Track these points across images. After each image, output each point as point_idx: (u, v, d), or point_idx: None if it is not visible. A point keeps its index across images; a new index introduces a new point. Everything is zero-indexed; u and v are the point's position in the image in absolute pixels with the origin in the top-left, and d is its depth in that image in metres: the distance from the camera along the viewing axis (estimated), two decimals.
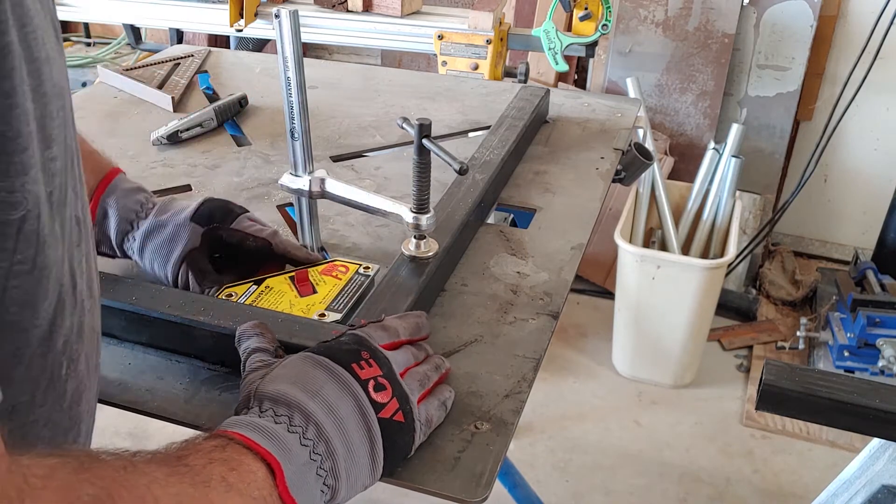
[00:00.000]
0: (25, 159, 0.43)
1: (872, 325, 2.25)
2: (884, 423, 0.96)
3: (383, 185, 1.17)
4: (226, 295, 0.86)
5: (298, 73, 0.87)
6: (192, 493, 0.49)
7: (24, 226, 0.44)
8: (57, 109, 0.47)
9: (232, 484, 0.51)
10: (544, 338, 0.83)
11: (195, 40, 2.88)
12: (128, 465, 0.46)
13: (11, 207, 0.43)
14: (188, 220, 0.89)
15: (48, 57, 0.45)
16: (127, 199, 0.90)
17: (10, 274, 0.44)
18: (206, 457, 0.52)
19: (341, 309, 0.84)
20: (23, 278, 0.45)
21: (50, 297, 0.48)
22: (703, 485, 2.10)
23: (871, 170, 2.83)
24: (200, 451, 0.52)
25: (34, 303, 0.47)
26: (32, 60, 0.43)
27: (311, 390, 0.60)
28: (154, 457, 0.50)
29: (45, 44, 0.45)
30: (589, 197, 1.13)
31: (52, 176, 0.47)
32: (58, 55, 0.48)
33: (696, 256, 2.44)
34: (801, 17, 2.61)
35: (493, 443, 0.70)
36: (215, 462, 0.52)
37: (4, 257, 0.44)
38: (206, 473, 0.50)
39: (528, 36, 2.05)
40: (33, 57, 0.43)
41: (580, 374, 2.49)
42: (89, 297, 0.56)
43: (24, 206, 0.44)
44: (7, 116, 0.42)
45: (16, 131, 0.42)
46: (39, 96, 0.44)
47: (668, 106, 2.81)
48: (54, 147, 0.47)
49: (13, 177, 0.43)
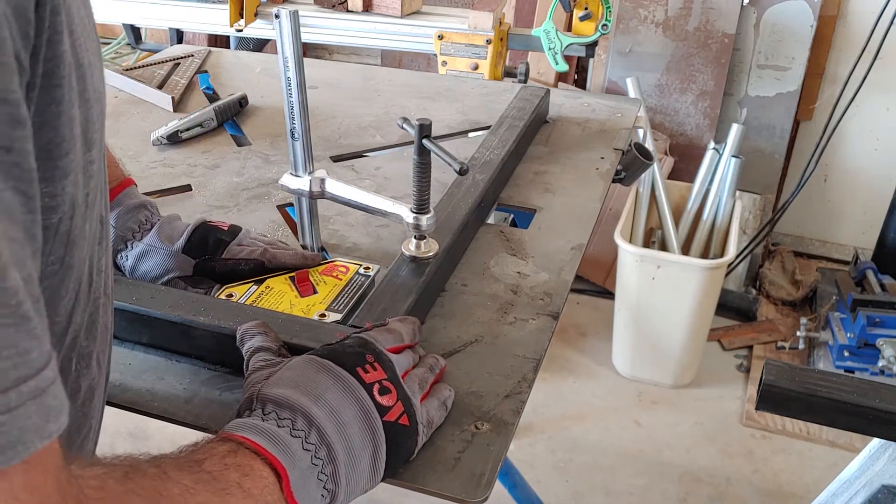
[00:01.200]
0: (67, 164, 0.44)
1: (872, 325, 2.25)
2: (884, 423, 0.96)
3: (383, 185, 1.17)
4: (226, 295, 0.86)
5: (298, 73, 0.87)
6: (217, 502, 0.50)
7: (59, 227, 0.45)
8: (97, 114, 0.47)
9: (248, 490, 0.52)
10: (544, 338, 0.83)
11: (195, 40, 2.88)
12: (161, 474, 0.48)
13: (52, 211, 0.44)
14: (180, 251, 0.89)
15: (90, 63, 0.46)
16: (127, 217, 0.90)
17: (43, 275, 0.45)
18: (221, 462, 0.53)
19: (342, 309, 0.84)
20: (52, 279, 0.46)
21: (69, 294, 0.49)
22: (703, 485, 2.10)
23: (871, 170, 2.83)
24: (216, 457, 0.53)
25: (56, 301, 0.48)
26: (79, 66, 0.44)
27: (314, 394, 0.60)
28: (177, 462, 0.51)
29: (88, 50, 0.46)
30: (589, 197, 1.13)
31: (89, 178, 0.48)
32: (97, 60, 0.48)
33: (696, 256, 2.44)
34: (801, 17, 2.61)
35: (493, 443, 0.70)
36: (230, 468, 0.52)
37: (41, 260, 0.44)
38: (224, 479, 0.51)
39: (528, 36, 2.05)
40: (79, 63, 0.44)
41: (580, 374, 2.49)
42: (104, 294, 0.56)
43: (62, 210, 0.44)
44: (55, 123, 0.42)
45: (61, 137, 0.43)
46: (83, 102, 0.45)
47: (668, 106, 2.81)
48: (94, 150, 0.47)
49: (56, 181, 0.43)
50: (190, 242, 0.89)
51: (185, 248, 0.88)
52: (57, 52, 0.41)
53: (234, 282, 0.89)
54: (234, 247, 0.90)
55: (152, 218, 0.91)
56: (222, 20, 2.16)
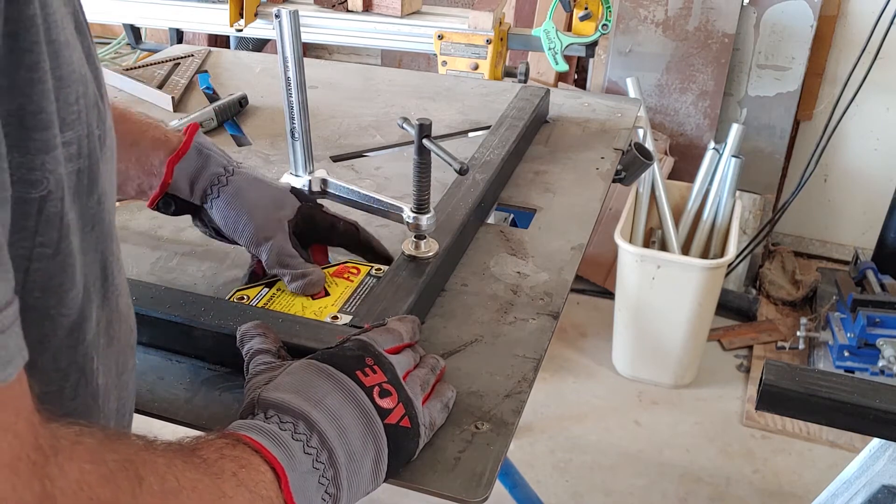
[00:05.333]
0: (48, 138, 0.43)
1: (872, 325, 2.25)
2: (884, 423, 0.96)
3: (383, 185, 1.17)
4: (237, 297, 0.86)
5: (298, 73, 0.87)
6: (207, 483, 0.49)
7: (45, 206, 0.44)
8: (76, 96, 0.46)
9: (242, 480, 0.51)
10: (544, 338, 0.83)
11: (195, 40, 2.88)
12: (148, 447, 0.47)
13: (31, 185, 0.43)
14: (288, 190, 0.89)
15: (67, 41, 0.45)
16: (220, 154, 0.89)
17: (33, 256, 0.44)
18: (217, 452, 0.52)
19: (353, 311, 0.84)
20: (46, 262, 0.45)
21: (77, 287, 0.48)
22: (703, 485, 2.10)
23: (871, 170, 2.83)
24: (212, 447, 0.53)
25: (59, 291, 0.47)
26: (51, 42, 0.43)
27: (314, 399, 0.60)
28: (170, 446, 0.50)
29: (65, 28, 0.45)
30: (589, 197, 1.13)
31: (65, 161, 0.46)
32: (77, 43, 0.48)
33: (696, 256, 2.44)
34: (801, 17, 2.61)
35: (493, 443, 0.70)
36: (226, 458, 0.52)
37: (25, 237, 0.44)
38: (218, 466, 0.51)
39: (528, 36, 2.05)
40: (52, 38, 0.43)
41: (580, 374, 2.49)
42: (126, 296, 0.56)
43: (44, 186, 0.44)
44: (29, 91, 0.41)
45: (38, 106, 0.42)
46: (56, 79, 0.44)
47: (668, 106, 2.81)
48: (69, 133, 0.46)
49: (33, 154, 0.42)
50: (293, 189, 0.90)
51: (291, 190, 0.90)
52: (24, 15, 0.40)
53: (322, 243, 0.91)
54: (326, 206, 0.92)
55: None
56: (222, 20, 2.16)
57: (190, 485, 0.47)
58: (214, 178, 0.86)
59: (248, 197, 0.86)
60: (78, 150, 0.47)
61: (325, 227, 0.90)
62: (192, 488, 0.47)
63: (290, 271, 0.85)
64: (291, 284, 0.85)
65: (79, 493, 0.40)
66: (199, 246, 1.01)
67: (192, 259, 0.98)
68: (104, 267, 0.52)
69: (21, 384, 0.39)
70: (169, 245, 1.01)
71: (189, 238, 1.02)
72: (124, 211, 1.07)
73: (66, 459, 0.40)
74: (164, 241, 1.02)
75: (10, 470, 0.37)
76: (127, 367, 0.59)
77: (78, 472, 0.41)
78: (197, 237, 1.01)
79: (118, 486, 0.43)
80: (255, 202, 0.86)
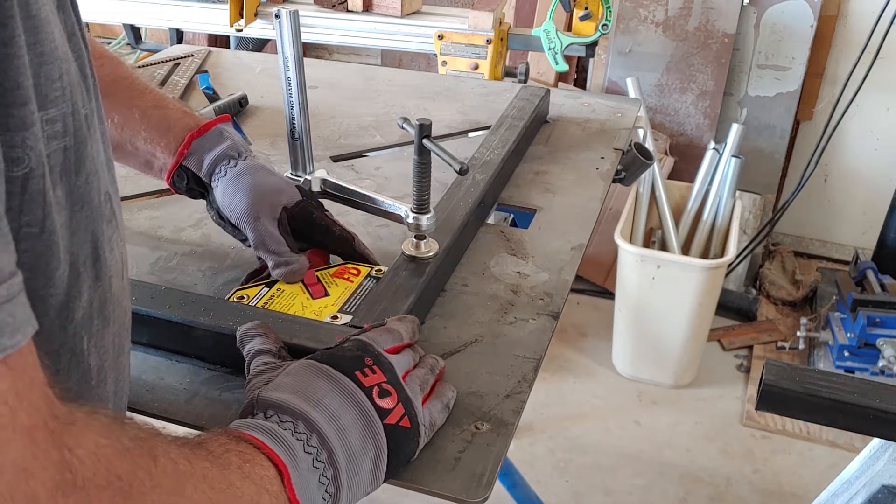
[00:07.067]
0: (26, 114, 0.43)
1: (872, 325, 2.25)
2: (884, 423, 0.96)
3: (383, 185, 1.17)
4: (237, 297, 0.86)
5: (298, 73, 0.87)
6: (216, 473, 0.50)
7: (28, 184, 0.44)
8: (59, 73, 0.46)
9: (248, 473, 0.52)
10: (544, 338, 0.83)
11: (195, 40, 2.88)
12: (157, 434, 0.48)
13: (13, 163, 0.43)
14: (294, 185, 0.91)
15: (48, 18, 0.45)
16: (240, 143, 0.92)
17: (20, 236, 0.44)
18: (223, 446, 0.53)
19: (354, 311, 0.84)
20: (32, 242, 0.45)
21: (62, 266, 0.48)
22: (703, 485, 2.10)
23: (871, 170, 2.83)
24: (216, 442, 0.53)
25: (46, 270, 0.47)
26: (29, 17, 0.43)
27: (313, 399, 0.60)
28: (176, 438, 0.51)
29: (45, 5, 0.45)
30: (589, 197, 1.13)
31: (49, 139, 0.46)
32: (59, 21, 0.47)
33: (696, 256, 2.44)
34: (801, 17, 2.61)
35: (493, 443, 0.70)
36: (231, 452, 0.53)
37: (12, 217, 0.43)
38: (225, 459, 0.51)
39: (528, 36, 2.05)
40: (30, 14, 0.43)
41: (580, 374, 2.49)
42: (119, 276, 0.56)
43: (26, 164, 0.43)
44: (5, 65, 0.41)
45: (14, 82, 0.42)
46: (36, 55, 0.44)
47: (668, 106, 2.81)
48: (52, 110, 0.46)
49: (13, 131, 0.42)
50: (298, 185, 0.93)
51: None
52: None
53: (311, 246, 0.91)
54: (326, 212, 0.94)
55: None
56: (222, 20, 2.16)
57: (200, 472, 0.48)
58: (226, 158, 0.89)
59: (250, 179, 0.89)
60: (63, 128, 0.47)
61: (322, 227, 0.91)
62: (202, 475, 0.48)
63: (275, 257, 0.87)
64: (274, 271, 0.88)
65: (97, 465, 0.40)
66: (198, 246, 1.01)
67: (192, 259, 0.98)
68: (95, 247, 0.52)
69: (32, 354, 0.39)
70: (169, 245, 1.01)
71: (189, 238, 1.02)
72: (124, 211, 1.07)
73: (83, 431, 0.41)
74: (164, 241, 1.02)
75: (28, 438, 0.37)
76: (124, 348, 0.59)
77: (94, 445, 0.41)
78: (197, 237, 1.02)
79: (135, 461, 0.43)
80: (255, 184, 0.88)
